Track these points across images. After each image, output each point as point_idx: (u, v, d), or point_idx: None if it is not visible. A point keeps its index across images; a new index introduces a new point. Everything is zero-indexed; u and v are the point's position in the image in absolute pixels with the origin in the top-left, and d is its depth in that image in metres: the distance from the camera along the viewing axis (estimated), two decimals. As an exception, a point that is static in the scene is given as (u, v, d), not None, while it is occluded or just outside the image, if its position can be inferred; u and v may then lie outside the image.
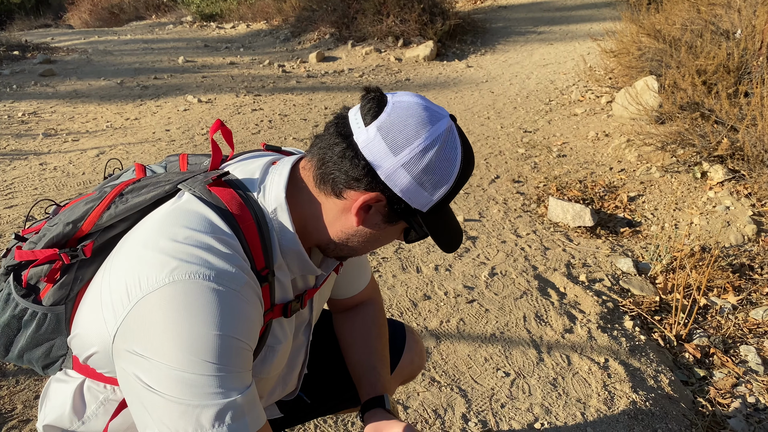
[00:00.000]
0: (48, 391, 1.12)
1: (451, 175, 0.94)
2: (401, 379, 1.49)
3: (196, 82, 7.68)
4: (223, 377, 0.82)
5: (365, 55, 9.02)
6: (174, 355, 0.81)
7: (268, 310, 0.98)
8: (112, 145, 5.10)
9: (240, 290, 0.86)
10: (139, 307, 0.83)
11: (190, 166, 1.14)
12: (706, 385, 2.31)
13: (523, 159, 4.70)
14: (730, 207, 3.64)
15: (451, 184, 0.95)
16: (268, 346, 1.04)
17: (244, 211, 0.94)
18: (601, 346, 2.43)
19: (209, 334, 0.82)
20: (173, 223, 0.90)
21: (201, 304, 0.82)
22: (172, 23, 14.19)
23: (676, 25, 4.96)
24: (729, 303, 2.79)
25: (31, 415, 1.97)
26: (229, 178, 1.00)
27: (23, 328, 1.03)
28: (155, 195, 0.98)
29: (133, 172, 1.14)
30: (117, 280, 0.88)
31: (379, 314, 1.42)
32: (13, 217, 3.51)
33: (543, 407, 2.08)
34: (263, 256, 0.95)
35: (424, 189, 0.94)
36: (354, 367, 1.33)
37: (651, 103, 4.71)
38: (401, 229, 1.04)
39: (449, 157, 0.94)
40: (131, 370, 0.84)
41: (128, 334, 0.84)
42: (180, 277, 0.83)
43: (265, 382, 1.09)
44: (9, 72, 8.03)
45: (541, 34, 9.62)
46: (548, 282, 2.92)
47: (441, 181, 0.94)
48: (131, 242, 0.92)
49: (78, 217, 1.00)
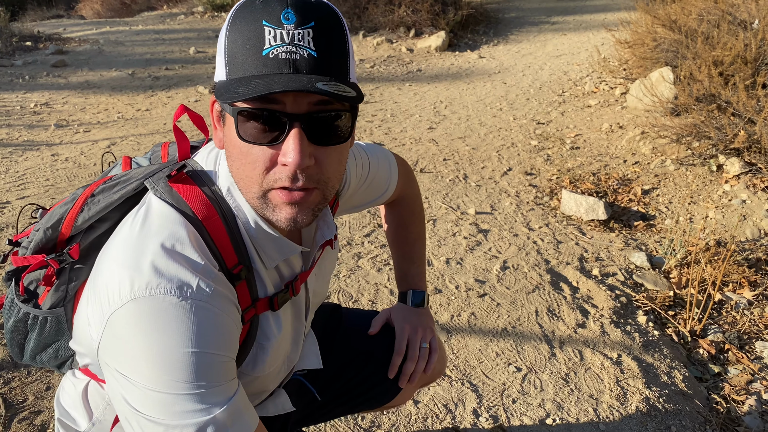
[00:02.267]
0: (61, 390, 1.13)
1: (225, 29, 0.82)
2: (422, 383, 1.48)
3: (207, 72, 7.67)
4: (201, 394, 0.79)
5: (377, 45, 8.97)
6: (149, 376, 0.78)
7: (249, 307, 0.94)
8: (123, 136, 5.11)
9: (207, 300, 0.82)
10: (110, 325, 0.81)
11: (169, 156, 1.09)
12: (720, 382, 2.28)
13: (536, 151, 4.66)
14: (747, 201, 3.58)
15: (224, 33, 0.82)
16: (258, 344, 1.00)
17: (207, 207, 0.89)
18: (614, 341, 2.41)
19: (180, 352, 0.78)
20: (136, 234, 0.86)
21: (167, 320, 0.79)
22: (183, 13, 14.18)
23: (692, 16, 4.88)
24: (744, 298, 2.75)
25: (42, 407, 1.98)
26: (189, 170, 0.95)
27: (29, 331, 1.03)
28: (124, 194, 0.95)
29: (121, 166, 1.12)
30: (93, 296, 0.86)
31: (405, 214, 1.50)
32: (26, 209, 3.52)
33: (555, 403, 2.06)
34: (234, 252, 0.90)
35: (221, 62, 0.82)
36: (393, 263, 1.55)
37: (666, 94, 4.65)
38: (231, 122, 0.84)
39: (234, 25, 0.81)
40: (116, 388, 0.83)
41: (108, 352, 0.82)
42: (141, 293, 0.79)
43: (264, 377, 1.07)
44: (21, 63, 8.06)
45: (554, 24, 9.52)
46: (561, 276, 2.89)
47: (222, 44, 0.82)
48: (104, 255, 0.89)
49: (55, 222, 0.98)
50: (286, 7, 0.78)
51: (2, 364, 2.15)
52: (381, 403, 1.43)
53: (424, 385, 1.52)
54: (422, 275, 1.51)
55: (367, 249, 3.08)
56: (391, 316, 1.44)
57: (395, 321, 1.43)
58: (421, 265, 1.51)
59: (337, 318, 1.47)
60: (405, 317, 1.43)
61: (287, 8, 0.78)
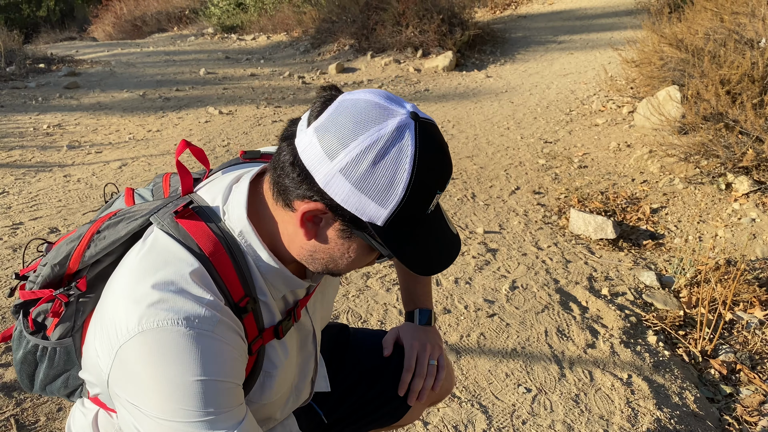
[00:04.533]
0: (72, 418, 1.14)
1: (397, 182, 0.81)
2: (430, 401, 1.48)
3: (217, 93, 7.76)
4: (211, 420, 0.82)
5: (384, 66, 9.05)
6: (159, 406, 0.81)
7: (256, 338, 0.96)
8: (134, 156, 5.17)
9: (213, 330, 0.84)
10: (119, 357, 0.83)
11: (171, 188, 1.10)
12: (732, 403, 2.27)
13: (544, 170, 4.67)
14: (756, 219, 3.57)
15: (402, 192, 0.82)
16: (264, 373, 1.02)
17: (214, 243, 0.91)
18: (624, 361, 2.40)
19: (188, 381, 0.81)
20: (142, 268, 0.88)
21: (174, 351, 0.81)
22: (194, 35, 14.37)
23: (698, 35, 4.91)
24: (756, 318, 2.73)
25: (53, 428, 1.99)
26: (195, 206, 0.96)
27: (39, 362, 1.05)
28: (130, 230, 0.96)
29: (123, 198, 1.13)
30: (101, 329, 0.88)
31: None
32: (38, 229, 3.56)
33: (565, 424, 2.05)
34: (241, 285, 0.92)
35: (370, 198, 0.82)
36: (399, 283, 1.56)
37: (674, 113, 4.66)
38: (367, 245, 0.92)
39: (395, 159, 0.81)
40: (128, 418, 0.85)
41: (118, 383, 0.85)
42: (149, 326, 0.82)
43: (271, 404, 1.08)
44: (35, 84, 8.19)
45: (561, 43, 9.57)
46: (570, 296, 2.89)
47: (388, 189, 0.81)
48: (110, 289, 0.91)
49: (62, 258, 1.00)
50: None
51: (14, 385, 2.17)
52: (390, 422, 1.43)
53: (432, 404, 1.52)
54: (428, 294, 1.52)
55: (376, 269, 3.09)
56: (400, 334, 1.45)
57: (404, 339, 1.44)
58: (427, 284, 1.52)
59: (344, 338, 1.48)
60: (413, 335, 1.44)
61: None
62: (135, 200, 1.11)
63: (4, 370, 2.25)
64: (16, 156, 5.18)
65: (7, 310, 2.64)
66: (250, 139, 5.67)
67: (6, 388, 2.15)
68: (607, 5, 11.19)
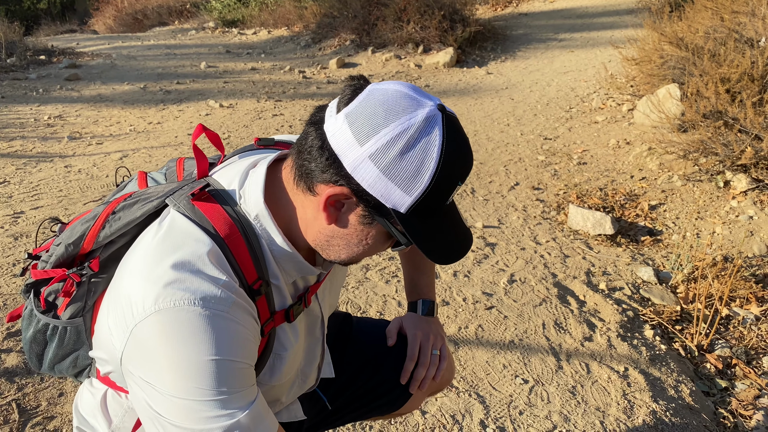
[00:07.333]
0: (79, 398, 1.15)
1: (425, 170, 0.84)
2: (431, 390, 1.50)
3: (218, 87, 7.76)
4: (224, 400, 0.84)
5: (385, 61, 9.05)
6: (173, 384, 0.83)
7: (268, 320, 0.98)
8: (135, 148, 5.18)
9: (228, 311, 0.85)
10: (135, 335, 0.85)
11: (185, 172, 1.12)
12: (727, 397, 2.29)
13: (543, 166, 4.69)
14: (754, 217, 3.59)
15: (428, 181, 0.85)
16: (275, 354, 1.04)
17: (229, 225, 0.92)
18: (621, 354, 2.42)
19: (203, 359, 0.82)
20: (159, 248, 0.89)
21: (190, 331, 0.83)
22: (195, 29, 14.36)
23: (698, 33, 4.92)
24: (752, 314, 2.75)
25: (55, 412, 2.00)
26: (212, 189, 0.97)
27: (48, 341, 1.06)
28: (146, 211, 0.97)
29: (136, 181, 1.14)
30: (115, 307, 0.89)
31: None
32: (39, 218, 3.58)
33: (562, 415, 2.07)
34: (254, 268, 0.93)
35: (396, 185, 0.85)
36: (403, 273, 1.57)
37: (673, 111, 4.68)
38: (385, 233, 0.95)
39: (423, 149, 0.84)
40: (140, 395, 0.86)
41: (132, 361, 0.86)
42: (165, 305, 0.83)
43: (279, 386, 1.10)
44: (36, 76, 8.19)
45: (561, 41, 9.58)
46: (568, 290, 2.91)
47: (415, 176, 0.84)
48: (125, 268, 0.92)
49: (77, 238, 1.01)
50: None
51: (16, 370, 2.18)
52: (391, 410, 1.45)
53: (432, 393, 1.54)
54: (431, 285, 1.53)
55: (376, 261, 3.11)
56: (403, 324, 1.47)
57: (407, 328, 1.45)
58: (431, 275, 1.53)
59: (348, 326, 1.49)
60: (416, 325, 1.45)
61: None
62: (148, 183, 1.12)
63: (6, 355, 2.26)
64: (17, 146, 5.19)
65: (8, 296, 2.66)
66: (251, 132, 5.68)
67: (8, 373, 2.16)
68: (608, 4, 11.21)
